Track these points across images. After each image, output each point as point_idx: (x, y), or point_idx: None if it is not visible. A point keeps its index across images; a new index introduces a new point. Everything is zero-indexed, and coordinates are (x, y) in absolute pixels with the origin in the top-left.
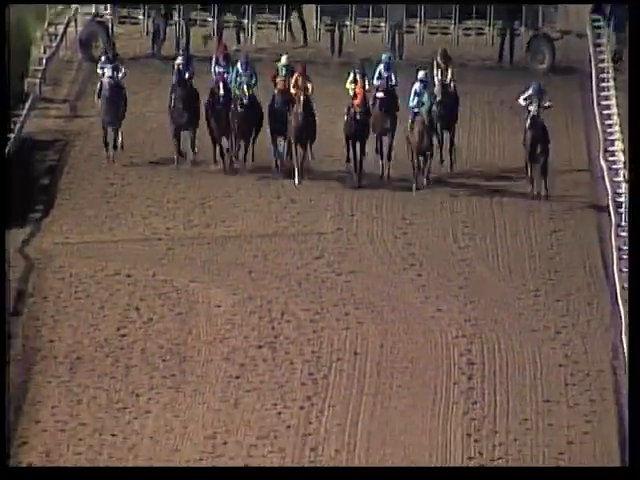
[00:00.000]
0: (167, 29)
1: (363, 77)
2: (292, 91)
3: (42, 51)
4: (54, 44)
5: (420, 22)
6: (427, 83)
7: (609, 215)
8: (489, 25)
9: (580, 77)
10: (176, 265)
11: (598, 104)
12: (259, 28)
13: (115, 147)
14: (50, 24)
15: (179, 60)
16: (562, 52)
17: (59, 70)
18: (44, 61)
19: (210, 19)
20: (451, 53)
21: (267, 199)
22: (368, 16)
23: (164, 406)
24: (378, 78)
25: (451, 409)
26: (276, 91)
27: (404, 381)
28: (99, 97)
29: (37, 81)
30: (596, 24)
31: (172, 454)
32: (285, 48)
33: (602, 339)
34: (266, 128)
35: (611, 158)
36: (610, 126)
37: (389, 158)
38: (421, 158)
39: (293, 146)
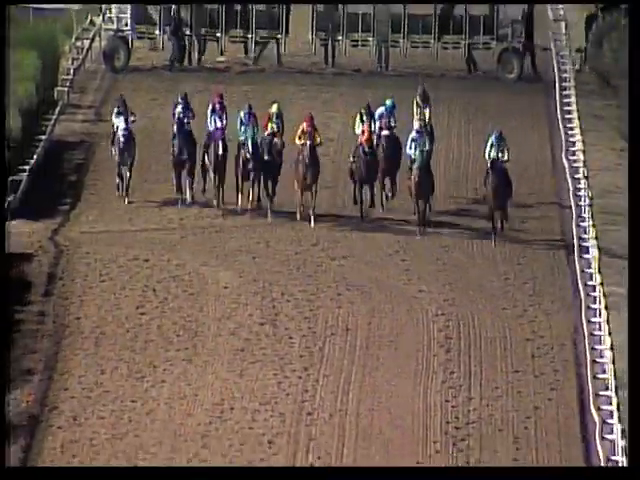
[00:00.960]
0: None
1: (370, 118)
2: (297, 142)
3: (70, 63)
4: (81, 56)
5: (403, 37)
6: (423, 133)
7: (570, 208)
8: (464, 39)
9: (545, 85)
10: (188, 251)
11: (561, 109)
12: (258, 42)
13: (127, 190)
14: (77, 39)
15: (179, 108)
16: (528, 63)
17: (85, 79)
18: (72, 71)
19: (219, 34)
20: (429, 90)
21: None
22: (357, 31)
23: (178, 376)
24: (379, 118)
25: (431, 378)
26: (265, 136)
27: (390, 353)
28: (112, 144)
29: (66, 89)
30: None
31: (185, 418)
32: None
33: (564, 316)
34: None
35: (572, 157)
36: (571, 128)
37: (392, 196)
38: (420, 202)
39: (300, 193)
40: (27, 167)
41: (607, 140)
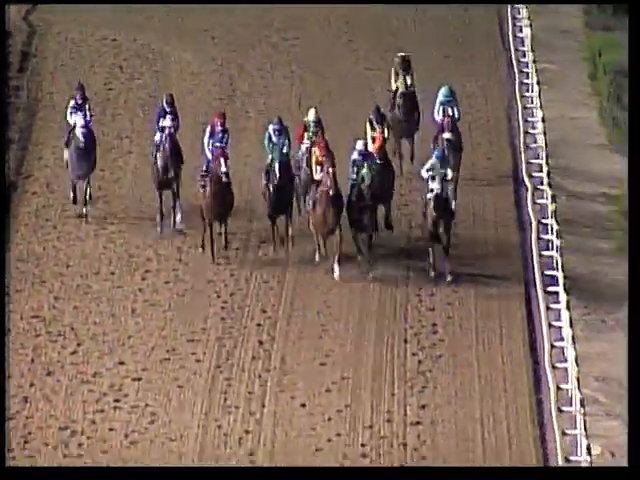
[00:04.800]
0: None
1: (382, 122)
2: (315, 176)
3: None
4: None
5: None
6: (366, 155)
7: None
8: None
9: None
10: (154, 31)
11: None
12: None
13: (86, 203)
14: None
15: (168, 121)
16: None
17: None
18: None
19: None
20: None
21: None
22: None
23: (143, 147)
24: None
25: None
26: (301, 153)
27: (343, 131)
28: (67, 147)
29: None
30: None
31: (150, 184)
32: None
33: (499, 92)
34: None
35: None
36: None
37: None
38: (362, 235)
39: (320, 238)
40: None
41: None
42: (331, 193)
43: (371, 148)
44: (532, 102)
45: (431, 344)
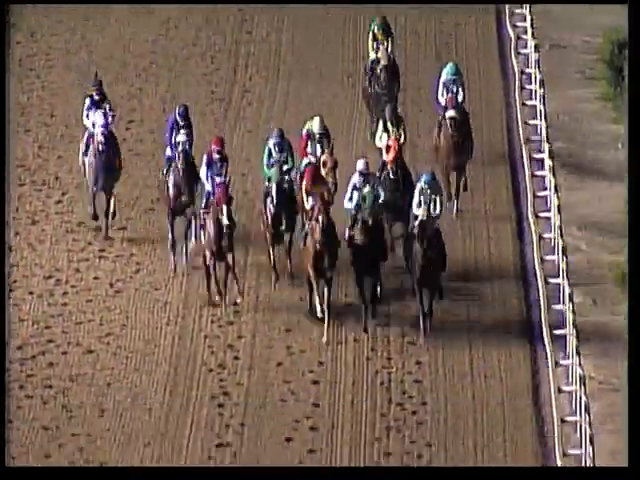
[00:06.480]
0: None
1: (398, 126)
2: (305, 204)
3: None
4: None
5: None
6: (367, 176)
7: None
8: None
9: None
10: None
11: None
12: None
13: (107, 215)
14: None
15: (182, 137)
16: None
17: None
18: None
19: None
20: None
21: None
22: None
23: None
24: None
25: None
26: (302, 168)
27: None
28: (86, 154)
29: None
30: None
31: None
32: None
33: None
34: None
35: None
36: None
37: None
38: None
39: (314, 282)
40: None
41: None
42: (323, 226)
43: (385, 157)
44: None
45: None
